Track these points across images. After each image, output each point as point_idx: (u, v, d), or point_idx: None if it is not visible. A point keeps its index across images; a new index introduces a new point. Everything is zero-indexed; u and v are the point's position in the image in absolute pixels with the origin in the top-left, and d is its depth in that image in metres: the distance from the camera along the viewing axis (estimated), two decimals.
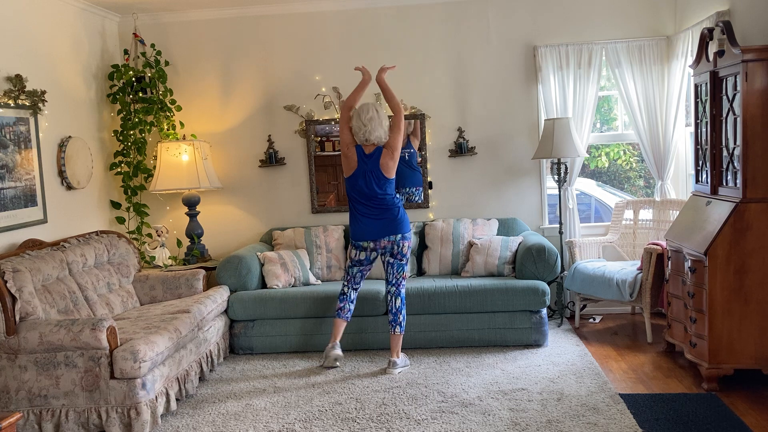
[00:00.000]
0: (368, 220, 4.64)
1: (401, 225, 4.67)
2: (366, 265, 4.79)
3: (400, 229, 4.66)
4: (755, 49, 3.94)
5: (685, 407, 3.87)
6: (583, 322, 5.76)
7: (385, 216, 4.64)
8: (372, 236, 4.65)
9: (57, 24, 5.20)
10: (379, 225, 4.64)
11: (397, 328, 4.70)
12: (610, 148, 8.01)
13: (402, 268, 4.74)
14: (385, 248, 4.68)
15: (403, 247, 4.69)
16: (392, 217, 4.64)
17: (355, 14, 5.98)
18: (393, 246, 4.66)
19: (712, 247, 4.04)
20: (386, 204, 4.64)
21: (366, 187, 4.63)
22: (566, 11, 5.84)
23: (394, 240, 4.65)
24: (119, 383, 3.76)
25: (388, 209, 4.64)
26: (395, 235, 4.64)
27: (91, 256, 4.75)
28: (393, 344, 4.71)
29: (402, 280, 4.77)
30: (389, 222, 4.64)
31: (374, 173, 4.62)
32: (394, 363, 4.67)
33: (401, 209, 4.71)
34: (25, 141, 4.67)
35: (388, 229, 4.63)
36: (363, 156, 4.64)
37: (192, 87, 6.12)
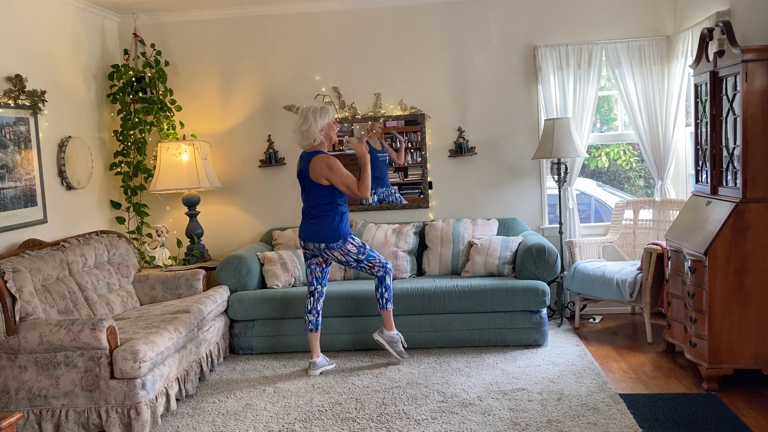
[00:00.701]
0: (304, 220, 4.68)
1: (327, 235, 4.58)
2: (309, 259, 4.73)
3: (324, 239, 4.59)
4: (755, 49, 3.94)
5: (685, 407, 3.87)
6: (583, 322, 5.76)
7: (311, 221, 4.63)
8: (302, 235, 4.69)
9: (57, 24, 5.20)
10: (308, 227, 4.64)
11: (378, 305, 4.80)
12: (610, 148, 8.02)
13: (360, 266, 4.71)
14: (313, 251, 4.68)
15: (334, 255, 4.64)
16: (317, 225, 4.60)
17: (355, 14, 5.98)
18: (319, 252, 4.65)
19: (712, 247, 4.04)
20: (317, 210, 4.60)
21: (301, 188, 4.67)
22: (566, 11, 5.84)
23: (318, 247, 4.63)
24: (119, 383, 3.76)
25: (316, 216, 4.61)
26: (318, 242, 4.61)
27: (91, 256, 4.75)
28: (383, 319, 4.83)
29: (372, 269, 4.72)
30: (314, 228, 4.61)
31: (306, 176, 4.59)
32: (381, 330, 4.84)
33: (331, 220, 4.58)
34: (25, 141, 4.67)
35: (312, 234, 4.62)
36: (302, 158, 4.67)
37: (192, 87, 6.12)
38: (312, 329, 4.77)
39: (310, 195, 4.60)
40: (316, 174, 4.52)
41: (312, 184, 4.56)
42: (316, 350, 4.78)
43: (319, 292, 4.79)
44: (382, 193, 6.08)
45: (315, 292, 4.78)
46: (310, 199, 4.61)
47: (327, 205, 4.58)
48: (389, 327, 4.82)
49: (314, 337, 4.78)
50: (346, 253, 4.64)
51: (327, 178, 4.51)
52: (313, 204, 4.60)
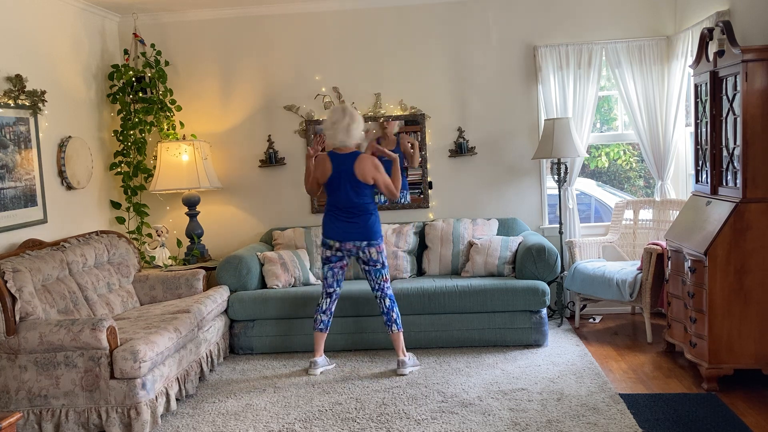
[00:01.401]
0: (339, 221, 4.61)
1: (369, 232, 4.60)
2: (335, 262, 4.70)
3: (367, 236, 4.60)
4: (755, 49, 3.94)
5: (685, 407, 3.87)
6: (583, 322, 5.76)
7: (353, 220, 4.59)
8: (338, 237, 4.61)
9: (57, 24, 5.20)
10: (347, 227, 4.60)
11: (393, 327, 4.68)
12: (610, 148, 8.02)
13: (379, 273, 4.68)
14: (350, 252, 4.64)
15: (370, 254, 4.64)
16: (360, 223, 4.59)
17: (355, 14, 5.98)
18: (358, 251, 4.63)
19: (712, 247, 4.04)
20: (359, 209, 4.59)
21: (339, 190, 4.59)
22: (566, 11, 5.84)
23: (359, 246, 4.61)
24: (119, 383, 3.76)
25: (359, 215, 4.60)
26: (360, 240, 4.60)
27: (91, 256, 4.75)
28: (395, 343, 4.70)
29: (384, 284, 4.70)
30: (357, 227, 4.59)
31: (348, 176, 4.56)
32: (402, 362, 4.64)
33: (372, 217, 4.62)
34: (25, 141, 4.67)
35: (353, 233, 4.59)
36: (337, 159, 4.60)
37: (192, 87, 6.12)
38: (323, 329, 4.75)
39: (352, 194, 4.56)
40: (365, 173, 4.53)
41: (358, 184, 4.54)
42: (320, 350, 4.76)
43: (337, 293, 4.79)
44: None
45: (333, 294, 4.77)
46: (350, 199, 4.56)
47: (369, 204, 4.61)
48: (404, 351, 4.70)
49: (321, 337, 4.76)
50: (380, 252, 4.65)
51: (374, 178, 4.54)
52: (354, 203, 4.57)
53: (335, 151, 4.62)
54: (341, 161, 4.57)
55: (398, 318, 4.71)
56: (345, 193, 4.56)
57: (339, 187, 4.57)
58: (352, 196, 4.56)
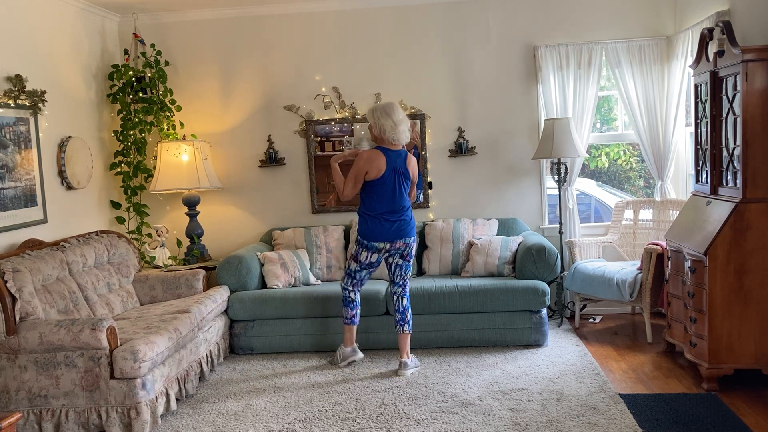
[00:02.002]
0: (386, 222, 4.60)
1: (414, 227, 4.71)
2: (376, 267, 4.76)
3: (413, 232, 4.69)
4: (755, 49, 3.94)
5: (685, 407, 3.87)
6: (583, 322, 5.76)
7: (402, 218, 4.63)
8: (388, 238, 4.61)
9: (57, 24, 5.20)
10: (396, 227, 4.61)
11: (405, 327, 4.69)
12: (610, 148, 8.01)
13: (409, 269, 4.77)
14: (398, 250, 4.67)
15: (412, 249, 4.73)
16: (407, 219, 4.66)
17: (355, 14, 5.98)
18: (405, 248, 4.67)
19: (712, 247, 4.04)
20: (406, 206, 4.67)
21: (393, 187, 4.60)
22: (566, 11, 5.84)
23: (407, 242, 4.65)
24: (119, 383, 3.76)
25: (405, 211, 4.66)
26: (409, 237, 4.65)
27: (91, 256, 4.75)
28: (402, 344, 4.69)
29: (407, 280, 4.78)
30: (405, 224, 4.64)
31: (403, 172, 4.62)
32: (404, 364, 4.64)
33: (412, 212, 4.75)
34: (25, 141, 4.67)
35: (403, 231, 4.62)
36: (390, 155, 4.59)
37: (192, 87, 6.12)
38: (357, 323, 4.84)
39: (403, 194, 4.63)
40: (414, 170, 4.67)
41: (408, 183, 4.65)
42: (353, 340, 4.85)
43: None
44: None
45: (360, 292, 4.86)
46: (402, 197, 4.62)
47: (409, 201, 4.71)
48: (407, 353, 4.70)
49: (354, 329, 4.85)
50: (415, 248, 4.76)
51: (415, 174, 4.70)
52: (403, 202, 4.63)
53: (387, 147, 4.61)
54: (396, 159, 4.60)
55: (411, 320, 4.74)
56: (399, 191, 4.60)
57: (392, 185, 4.58)
58: (404, 194, 4.64)
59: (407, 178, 4.65)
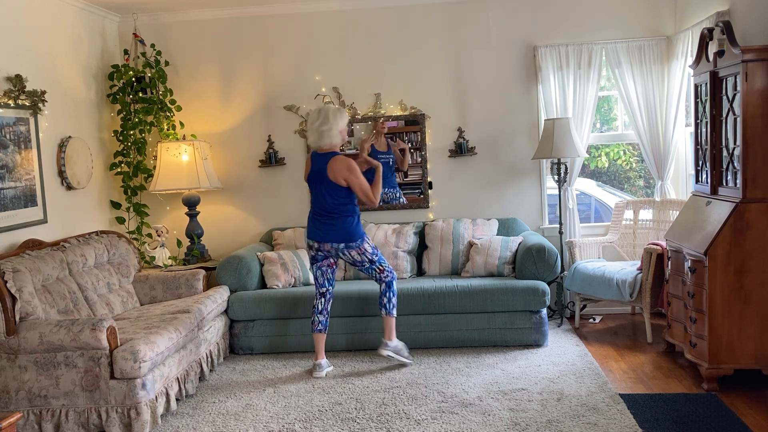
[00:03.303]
0: (317, 222, 4.64)
1: (346, 234, 4.58)
2: (321, 261, 4.71)
3: (343, 238, 4.58)
4: (755, 49, 3.94)
5: (685, 407, 3.87)
6: (583, 322, 5.76)
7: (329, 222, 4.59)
8: (315, 237, 4.64)
9: (57, 24, 5.20)
10: (323, 228, 4.60)
11: (383, 310, 4.73)
12: (610, 148, 8.02)
13: (371, 270, 4.72)
14: (329, 252, 4.65)
15: (351, 255, 4.64)
16: (335, 224, 4.58)
17: (355, 14, 5.98)
18: (337, 252, 4.64)
19: (712, 247, 4.04)
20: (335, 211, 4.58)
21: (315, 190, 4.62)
22: (566, 11, 5.84)
23: (336, 247, 4.61)
24: (119, 383, 3.76)
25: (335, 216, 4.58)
26: (337, 242, 4.59)
27: (91, 256, 4.75)
28: (384, 326, 4.77)
29: (380, 275, 4.72)
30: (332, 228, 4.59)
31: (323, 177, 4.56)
32: (385, 344, 4.73)
33: (350, 219, 4.59)
34: (25, 141, 4.67)
35: (329, 234, 4.60)
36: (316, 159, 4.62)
37: (192, 87, 6.12)
38: (321, 330, 4.75)
39: (326, 196, 4.56)
40: (335, 174, 4.51)
41: (330, 185, 4.53)
42: (322, 351, 4.76)
43: (330, 293, 4.79)
44: (386, 194, 6.06)
45: (326, 293, 4.77)
46: (326, 201, 4.56)
47: (345, 205, 4.58)
48: (391, 336, 4.76)
49: (321, 338, 4.76)
50: (363, 253, 4.64)
51: (346, 180, 4.51)
52: (330, 205, 4.56)
53: (316, 151, 4.64)
54: (318, 161, 4.60)
55: (390, 304, 4.73)
56: (321, 194, 4.59)
57: (315, 188, 4.62)
58: (326, 196, 4.57)
59: (329, 182, 4.51)
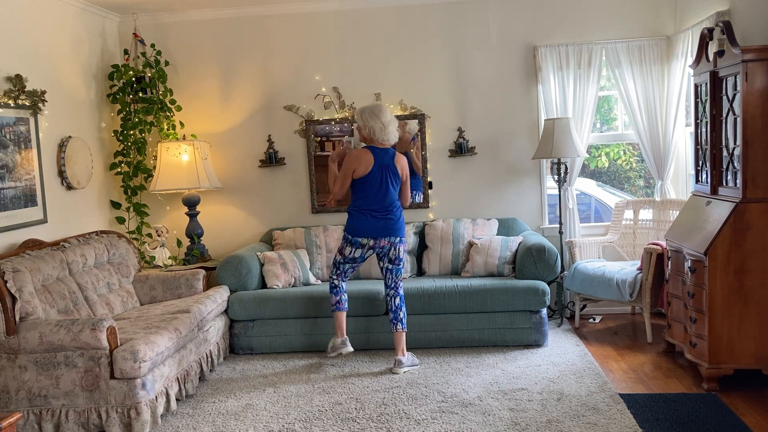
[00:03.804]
0: (372, 218, 4.65)
1: (402, 228, 4.72)
2: (359, 262, 4.81)
3: (400, 232, 4.71)
4: (755, 49, 3.94)
5: (685, 407, 3.87)
6: (583, 322, 5.76)
7: (389, 216, 4.67)
8: (372, 234, 4.65)
9: (57, 24, 5.20)
10: (381, 224, 4.65)
11: (398, 326, 4.72)
12: (610, 148, 8.01)
13: (399, 272, 4.79)
14: (383, 249, 4.69)
15: (399, 251, 4.74)
16: (395, 219, 4.69)
17: (355, 14, 5.98)
18: (391, 248, 4.69)
19: (712, 247, 4.04)
20: (394, 205, 4.70)
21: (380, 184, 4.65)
22: (566, 11, 5.84)
23: (393, 242, 4.67)
24: (119, 383, 3.76)
25: (393, 210, 4.69)
26: (395, 236, 4.67)
27: (91, 256, 4.75)
28: (396, 342, 4.72)
29: (399, 282, 4.81)
30: (392, 223, 4.67)
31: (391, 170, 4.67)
32: (399, 362, 4.66)
33: (402, 212, 4.76)
34: (25, 141, 4.67)
35: (389, 229, 4.65)
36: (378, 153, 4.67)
37: (192, 87, 6.12)
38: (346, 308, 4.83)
39: (390, 191, 4.67)
40: (403, 170, 4.71)
41: (397, 181, 4.69)
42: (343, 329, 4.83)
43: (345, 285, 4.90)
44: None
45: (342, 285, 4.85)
46: (388, 195, 4.66)
47: (398, 201, 4.74)
48: (403, 351, 4.72)
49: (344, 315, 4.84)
50: (404, 250, 4.80)
51: (406, 175, 4.74)
52: (390, 200, 4.67)
53: (375, 146, 4.68)
54: (383, 156, 4.66)
55: (404, 318, 4.76)
56: (386, 188, 4.65)
57: (377, 183, 4.63)
58: (390, 192, 4.67)
59: (396, 175, 4.70)
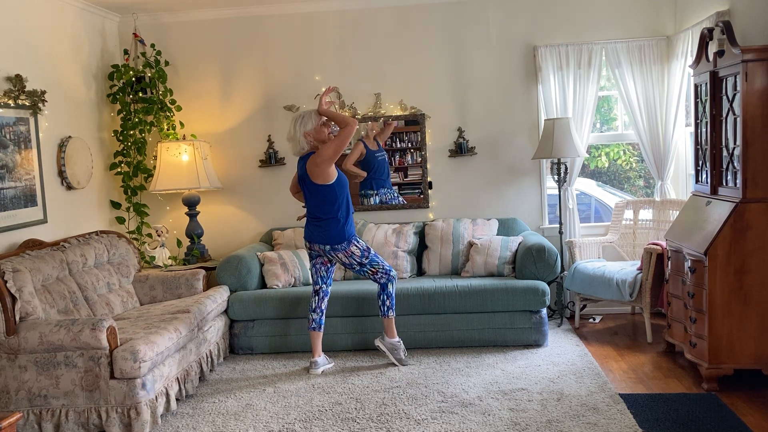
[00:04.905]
0: (309, 223, 4.69)
1: (334, 237, 4.59)
2: (314, 259, 4.75)
3: (330, 241, 4.60)
4: (755, 49, 3.94)
5: (685, 407, 3.87)
6: (583, 322, 5.76)
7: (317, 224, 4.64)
8: (308, 237, 4.69)
9: (57, 24, 5.20)
10: (315, 230, 4.65)
11: (379, 312, 4.80)
12: (610, 148, 8.01)
13: (364, 269, 4.72)
14: (319, 253, 4.69)
15: (339, 257, 4.66)
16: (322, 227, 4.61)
17: (355, 14, 5.98)
18: (326, 254, 4.67)
19: (712, 247, 4.04)
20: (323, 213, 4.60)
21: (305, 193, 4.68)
22: (566, 11, 5.84)
23: (323, 249, 4.64)
24: (119, 383, 3.76)
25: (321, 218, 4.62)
26: (324, 244, 4.63)
27: (91, 256, 4.75)
28: (384, 326, 4.82)
29: (374, 276, 4.73)
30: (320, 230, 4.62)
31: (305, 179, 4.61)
32: (383, 336, 4.84)
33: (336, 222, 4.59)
34: (25, 141, 4.67)
35: (318, 236, 4.64)
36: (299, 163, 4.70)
37: (192, 87, 6.12)
38: (315, 328, 4.78)
39: (313, 198, 4.61)
40: (313, 173, 4.54)
41: (313, 187, 4.57)
42: (318, 349, 4.78)
43: (324, 291, 4.80)
44: (384, 194, 6.07)
45: (320, 291, 4.79)
46: (314, 202, 4.61)
47: (330, 207, 4.58)
48: (391, 334, 4.81)
49: (317, 336, 4.78)
50: (350, 255, 4.64)
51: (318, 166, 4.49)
52: (317, 206, 4.61)
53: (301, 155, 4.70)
54: (301, 166, 4.67)
55: (385, 306, 4.76)
56: (308, 198, 4.65)
57: (305, 192, 4.67)
58: (313, 199, 4.62)
59: (312, 184, 4.55)
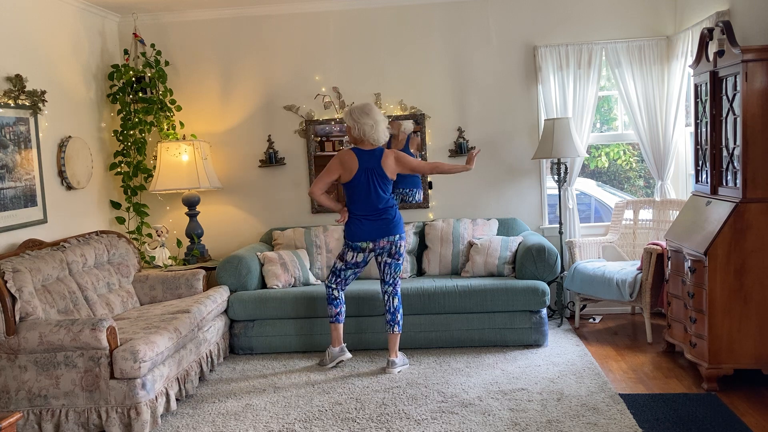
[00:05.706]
0: (367, 222, 4.65)
1: (398, 226, 4.70)
2: (362, 267, 4.79)
3: (398, 230, 4.69)
4: (755, 49, 3.94)
5: (685, 407, 3.87)
6: (583, 322, 5.76)
7: (384, 217, 4.65)
8: (371, 237, 4.65)
9: (57, 24, 5.20)
10: (378, 226, 4.64)
11: (395, 328, 4.72)
12: (610, 148, 8.01)
13: (399, 268, 4.77)
14: (383, 248, 4.68)
15: (400, 246, 4.72)
16: (390, 218, 4.67)
17: (355, 14, 5.98)
18: (391, 246, 4.68)
19: (712, 247, 4.04)
20: (387, 206, 4.67)
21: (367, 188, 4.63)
22: (566, 11, 5.84)
23: (392, 240, 4.66)
24: (119, 383, 3.76)
25: (386, 210, 4.66)
26: (393, 235, 4.66)
27: (91, 256, 4.75)
28: (391, 344, 4.73)
29: (398, 279, 4.79)
30: (387, 223, 4.65)
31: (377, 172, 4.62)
32: (393, 362, 4.68)
33: (397, 210, 4.73)
34: (25, 141, 4.67)
35: (386, 229, 4.64)
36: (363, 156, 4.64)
37: (192, 87, 6.12)
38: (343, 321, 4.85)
39: (380, 194, 4.62)
40: (392, 169, 4.63)
41: (385, 182, 4.63)
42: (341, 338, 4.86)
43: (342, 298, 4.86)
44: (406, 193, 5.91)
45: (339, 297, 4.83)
46: (379, 199, 4.62)
47: (391, 198, 4.71)
48: (396, 352, 4.74)
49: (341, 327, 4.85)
50: (405, 245, 4.77)
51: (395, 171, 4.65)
52: (382, 200, 4.63)
53: (363, 148, 4.65)
54: (369, 159, 4.62)
55: (401, 320, 4.76)
56: (375, 192, 4.61)
57: (365, 186, 4.60)
58: (380, 193, 4.63)
59: (383, 177, 4.62)
